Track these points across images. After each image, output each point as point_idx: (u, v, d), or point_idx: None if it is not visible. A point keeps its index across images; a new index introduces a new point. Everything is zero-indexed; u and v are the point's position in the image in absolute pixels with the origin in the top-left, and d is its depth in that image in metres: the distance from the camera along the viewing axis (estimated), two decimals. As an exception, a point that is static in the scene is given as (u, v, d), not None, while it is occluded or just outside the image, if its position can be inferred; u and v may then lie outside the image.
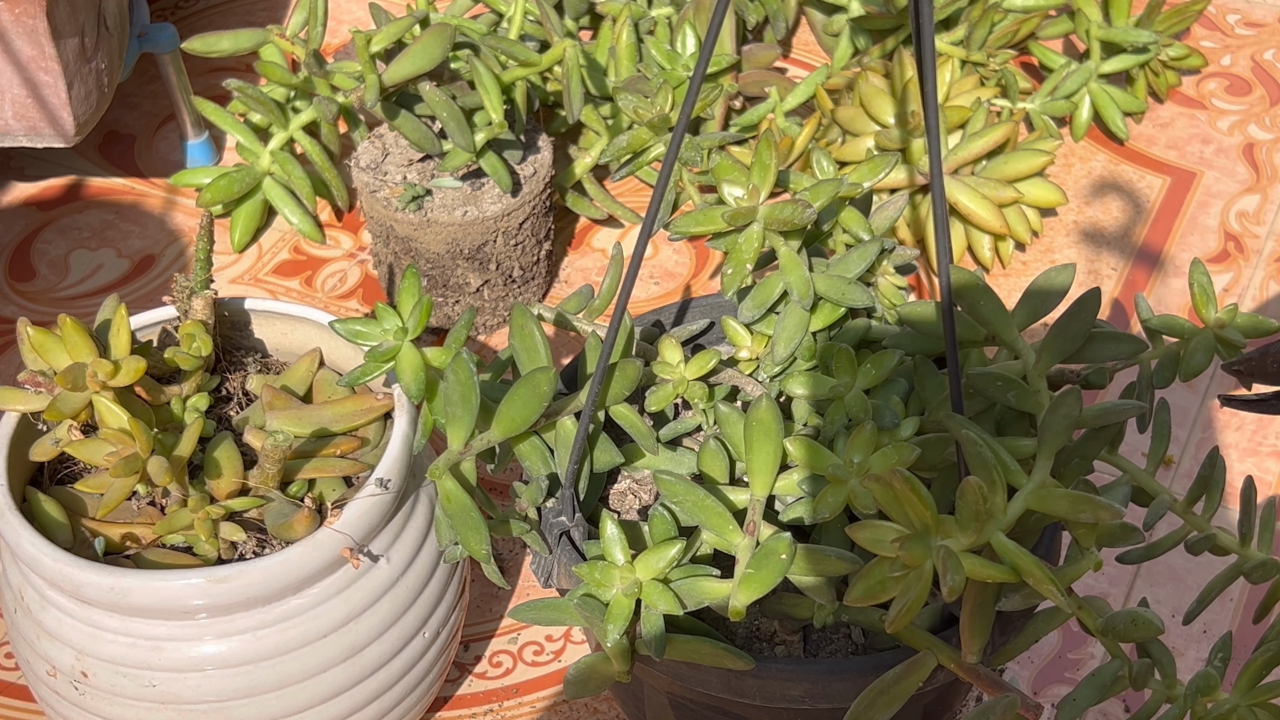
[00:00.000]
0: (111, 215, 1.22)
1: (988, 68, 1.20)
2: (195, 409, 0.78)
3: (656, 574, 0.65)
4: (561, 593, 0.71)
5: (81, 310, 1.13)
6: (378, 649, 0.76)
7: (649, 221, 0.65)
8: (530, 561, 0.73)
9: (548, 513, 0.72)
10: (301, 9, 1.13)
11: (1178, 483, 1.00)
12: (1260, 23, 1.41)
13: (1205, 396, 1.06)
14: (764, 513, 0.67)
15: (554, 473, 0.73)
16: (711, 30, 0.56)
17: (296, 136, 1.15)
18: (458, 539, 0.71)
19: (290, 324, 0.84)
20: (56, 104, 1.03)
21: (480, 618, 0.94)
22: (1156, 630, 0.64)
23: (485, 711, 0.89)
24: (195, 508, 0.73)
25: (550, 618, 0.68)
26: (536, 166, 1.09)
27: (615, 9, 1.21)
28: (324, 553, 0.72)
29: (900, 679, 0.64)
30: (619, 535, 0.66)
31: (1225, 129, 1.29)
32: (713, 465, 0.73)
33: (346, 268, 1.18)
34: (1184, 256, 1.17)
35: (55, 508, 0.75)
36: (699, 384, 0.76)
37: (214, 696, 0.73)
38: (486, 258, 1.07)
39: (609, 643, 0.65)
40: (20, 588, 0.75)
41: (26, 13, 0.98)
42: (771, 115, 1.19)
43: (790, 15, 1.36)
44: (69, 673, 0.74)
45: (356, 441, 0.79)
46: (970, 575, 0.58)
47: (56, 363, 0.73)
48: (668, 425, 0.79)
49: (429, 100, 1.04)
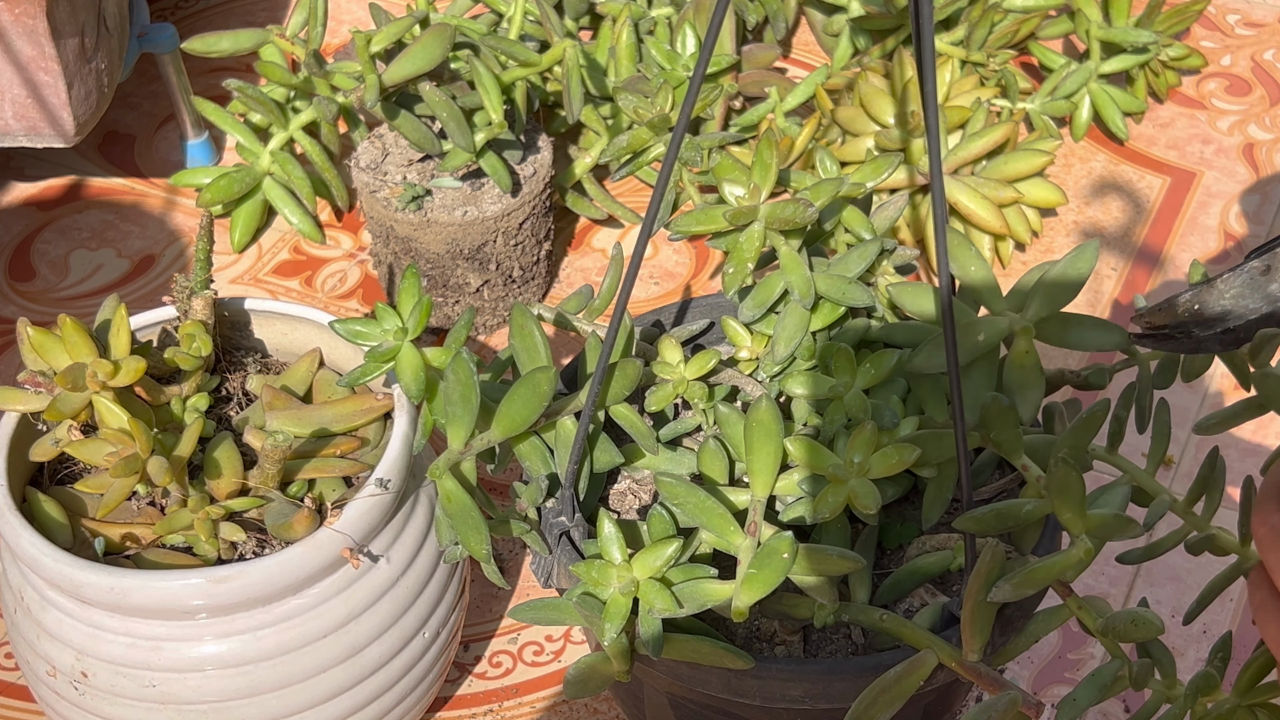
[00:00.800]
0: (111, 215, 1.22)
1: (988, 68, 1.20)
2: (195, 409, 0.78)
3: (654, 573, 0.65)
4: (561, 592, 0.71)
5: (81, 310, 1.13)
6: (378, 649, 0.76)
7: (649, 221, 0.65)
8: (530, 562, 0.73)
9: (547, 513, 0.72)
10: (301, 9, 1.13)
11: (1178, 483, 1.00)
12: (1260, 23, 1.41)
13: (1205, 396, 1.06)
14: (763, 513, 0.67)
15: (554, 473, 0.72)
16: (711, 30, 0.56)
17: (296, 136, 1.15)
18: (458, 539, 0.71)
19: (290, 324, 0.84)
20: (56, 104, 1.03)
21: (480, 618, 0.94)
22: (1157, 630, 0.64)
23: (485, 711, 0.89)
24: (195, 508, 0.73)
25: (550, 617, 0.68)
26: (536, 166, 1.09)
27: (615, 9, 1.21)
28: (324, 553, 0.72)
29: (901, 678, 0.64)
30: (616, 534, 0.66)
31: (1225, 129, 1.29)
32: (712, 466, 0.72)
33: (346, 268, 1.18)
34: (1184, 256, 1.17)
35: (55, 508, 0.75)
36: (699, 384, 0.76)
37: (214, 697, 0.73)
38: (486, 258, 1.07)
39: (607, 641, 0.65)
40: (20, 588, 0.75)
41: (26, 13, 0.98)
42: (771, 115, 1.19)
43: (790, 15, 1.36)
44: (69, 673, 0.74)
45: (356, 442, 0.79)
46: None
47: (56, 363, 0.73)
48: (667, 425, 0.79)
49: (429, 100, 1.04)
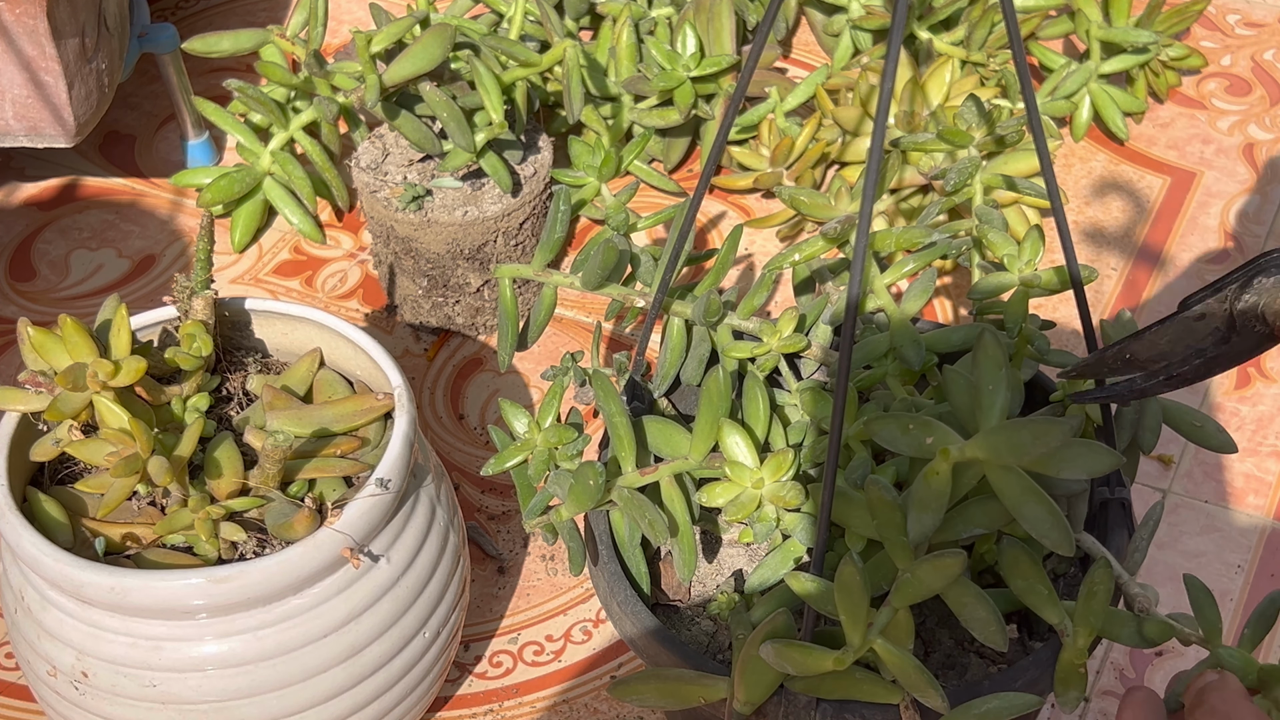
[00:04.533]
0: (112, 215, 1.22)
1: (988, 68, 1.20)
2: (195, 409, 0.78)
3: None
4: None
5: (82, 310, 1.13)
6: (378, 649, 0.76)
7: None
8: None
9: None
10: (302, 9, 1.13)
11: (1178, 482, 1.01)
12: (1260, 23, 1.41)
13: (1205, 396, 1.06)
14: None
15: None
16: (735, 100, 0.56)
17: (297, 137, 1.15)
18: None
19: (291, 324, 0.84)
20: (57, 104, 1.03)
21: (480, 618, 0.94)
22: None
23: (485, 711, 0.89)
24: (195, 508, 0.73)
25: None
26: (537, 167, 1.09)
27: (615, 9, 1.21)
28: (324, 553, 0.72)
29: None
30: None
31: (1225, 129, 1.29)
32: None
33: (347, 268, 1.18)
34: (1184, 256, 1.17)
35: (56, 508, 0.75)
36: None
37: (214, 696, 0.73)
38: (487, 258, 1.07)
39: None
40: (21, 588, 0.75)
41: (27, 13, 0.98)
42: (771, 115, 1.19)
43: (790, 15, 1.36)
44: (69, 673, 0.74)
45: (357, 441, 0.79)
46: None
47: (57, 363, 0.73)
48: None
49: (429, 100, 1.04)
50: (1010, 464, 0.62)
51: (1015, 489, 0.62)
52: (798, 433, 0.77)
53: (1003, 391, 0.63)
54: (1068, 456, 0.61)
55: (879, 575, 0.66)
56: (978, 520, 0.65)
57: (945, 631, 0.74)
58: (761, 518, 0.72)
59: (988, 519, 0.65)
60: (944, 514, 0.63)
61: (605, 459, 0.76)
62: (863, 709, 0.65)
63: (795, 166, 1.17)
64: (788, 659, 0.62)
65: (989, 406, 0.63)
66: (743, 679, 0.65)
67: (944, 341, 0.79)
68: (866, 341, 0.79)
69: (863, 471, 0.72)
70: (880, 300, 0.79)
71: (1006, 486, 0.62)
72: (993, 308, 0.80)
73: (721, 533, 0.79)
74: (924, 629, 0.74)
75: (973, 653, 0.73)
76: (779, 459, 0.71)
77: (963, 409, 0.66)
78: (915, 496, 0.63)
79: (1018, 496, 0.62)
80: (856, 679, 0.63)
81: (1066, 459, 0.61)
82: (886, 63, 0.53)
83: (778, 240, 1.19)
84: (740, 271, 1.16)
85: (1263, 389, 1.07)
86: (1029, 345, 0.78)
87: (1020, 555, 0.65)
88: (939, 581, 0.61)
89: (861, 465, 0.72)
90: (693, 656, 0.69)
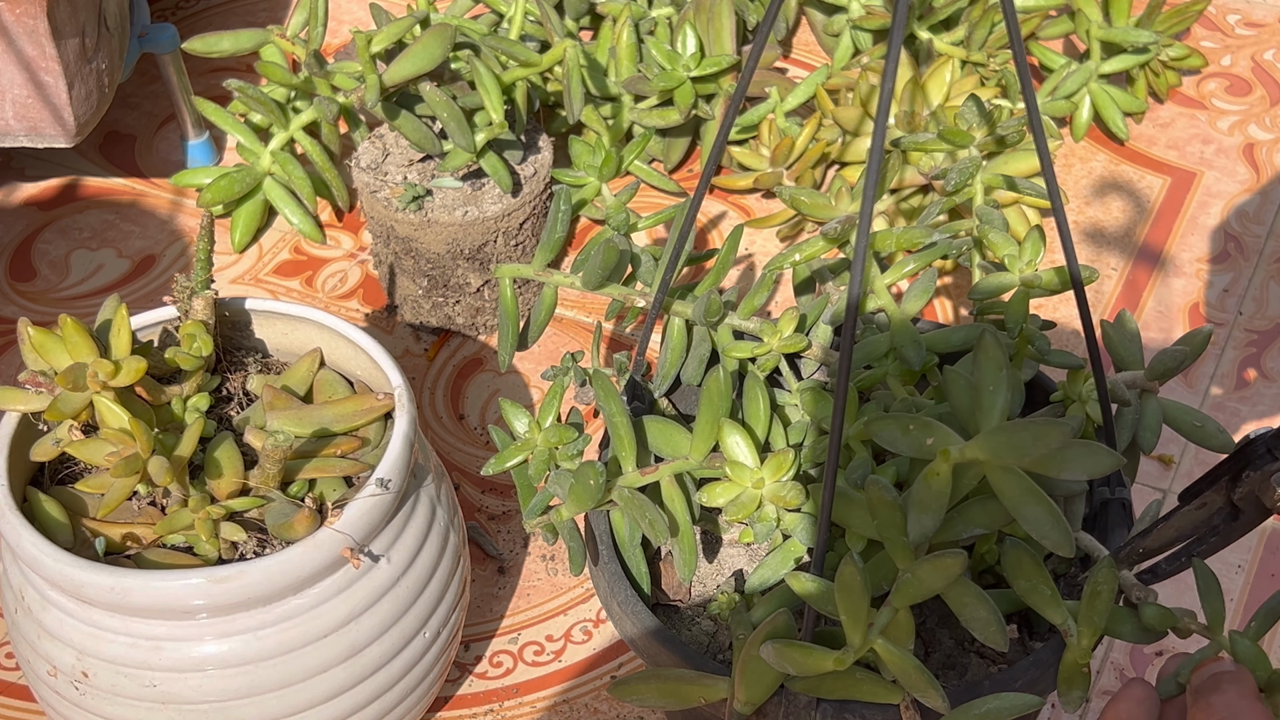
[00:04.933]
0: (112, 215, 1.22)
1: (988, 68, 1.20)
2: (196, 409, 0.78)
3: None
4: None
5: (82, 310, 1.13)
6: (378, 649, 0.76)
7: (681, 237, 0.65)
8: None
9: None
10: (302, 9, 1.13)
11: (1178, 482, 1.00)
12: (1260, 23, 1.41)
13: (1205, 396, 1.06)
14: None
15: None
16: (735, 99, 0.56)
17: (297, 137, 1.15)
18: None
19: (291, 324, 0.84)
20: (57, 104, 1.03)
21: (480, 618, 0.94)
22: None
23: (485, 711, 0.89)
24: (196, 508, 0.73)
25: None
26: (537, 167, 1.09)
27: (615, 9, 1.21)
28: (324, 553, 0.72)
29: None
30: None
31: (1225, 129, 1.29)
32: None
33: (347, 268, 1.18)
34: (1184, 256, 1.17)
35: (56, 508, 0.75)
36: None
37: (214, 696, 0.73)
38: (487, 258, 1.07)
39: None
40: (21, 588, 0.75)
41: (27, 13, 0.98)
42: (772, 115, 1.19)
43: (790, 15, 1.36)
44: (69, 673, 0.74)
45: (357, 441, 0.79)
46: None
47: (57, 363, 0.73)
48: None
49: (429, 100, 1.04)
50: (1010, 465, 0.61)
51: (1015, 490, 0.62)
52: (798, 433, 0.77)
53: (1003, 392, 0.63)
54: (1068, 457, 0.61)
55: (879, 575, 0.66)
56: (978, 521, 0.65)
57: (945, 631, 0.74)
58: (762, 518, 0.72)
59: (988, 519, 0.65)
60: (944, 514, 0.63)
61: (605, 459, 0.77)
62: (863, 709, 0.65)
63: (795, 166, 1.17)
64: (788, 659, 0.62)
65: (989, 407, 0.63)
66: (743, 679, 0.65)
67: (944, 342, 0.79)
68: (867, 341, 0.79)
69: (863, 472, 0.72)
70: (881, 300, 0.79)
71: (1007, 487, 0.62)
72: (993, 308, 0.80)
73: (722, 533, 0.79)
74: (924, 629, 0.74)
75: (973, 653, 0.73)
76: (779, 459, 0.71)
77: (963, 409, 0.66)
78: (915, 497, 0.63)
79: (1018, 497, 0.62)
80: (857, 679, 0.63)
81: (1067, 460, 0.61)
82: (887, 63, 0.54)
83: (778, 240, 1.19)
84: (740, 271, 1.16)
85: (1263, 389, 1.07)
86: (1029, 345, 0.78)
87: (1023, 556, 0.65)
88: (939, 581, 0.61)
89: (862, 465, 0.72)
90: (693, 656, 0.69)
